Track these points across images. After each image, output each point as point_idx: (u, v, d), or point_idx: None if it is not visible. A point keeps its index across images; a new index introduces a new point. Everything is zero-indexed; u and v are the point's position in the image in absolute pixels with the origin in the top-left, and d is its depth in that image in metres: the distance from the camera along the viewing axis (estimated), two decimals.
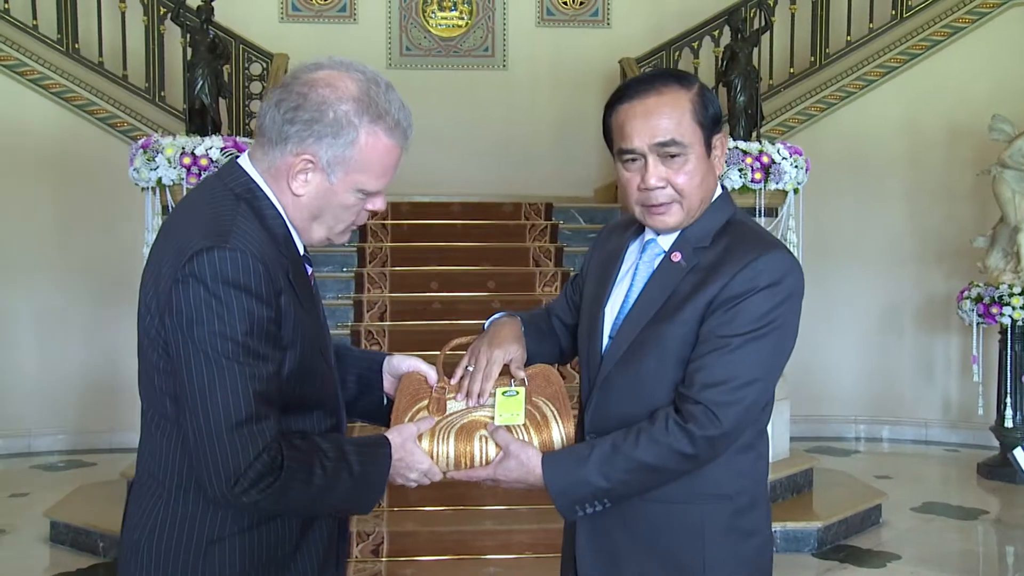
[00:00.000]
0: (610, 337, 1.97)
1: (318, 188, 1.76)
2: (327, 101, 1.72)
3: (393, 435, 1.86)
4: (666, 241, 1.96)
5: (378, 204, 1.84)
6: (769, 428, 2.07)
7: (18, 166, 7.67)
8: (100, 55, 7.85)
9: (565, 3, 9.07)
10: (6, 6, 7.71)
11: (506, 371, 2.04)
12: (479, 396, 1.96)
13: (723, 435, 1.82)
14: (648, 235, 1.99)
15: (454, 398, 1.97)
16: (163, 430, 1.77)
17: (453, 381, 2.02)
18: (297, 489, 1.69)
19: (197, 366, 1.64)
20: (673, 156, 1.87)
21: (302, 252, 1.84)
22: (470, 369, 2.01)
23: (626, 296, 1.98)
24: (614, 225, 2.17)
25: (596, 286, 2.07)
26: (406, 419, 1.91)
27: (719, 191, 1.99)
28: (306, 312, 1.78)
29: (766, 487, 2.02)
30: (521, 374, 2.00)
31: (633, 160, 1.90)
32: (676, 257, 1.93)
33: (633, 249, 2.04)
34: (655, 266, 1.96)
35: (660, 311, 1.90)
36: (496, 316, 2.16)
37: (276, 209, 1.78)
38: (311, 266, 1.89)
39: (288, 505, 1.73)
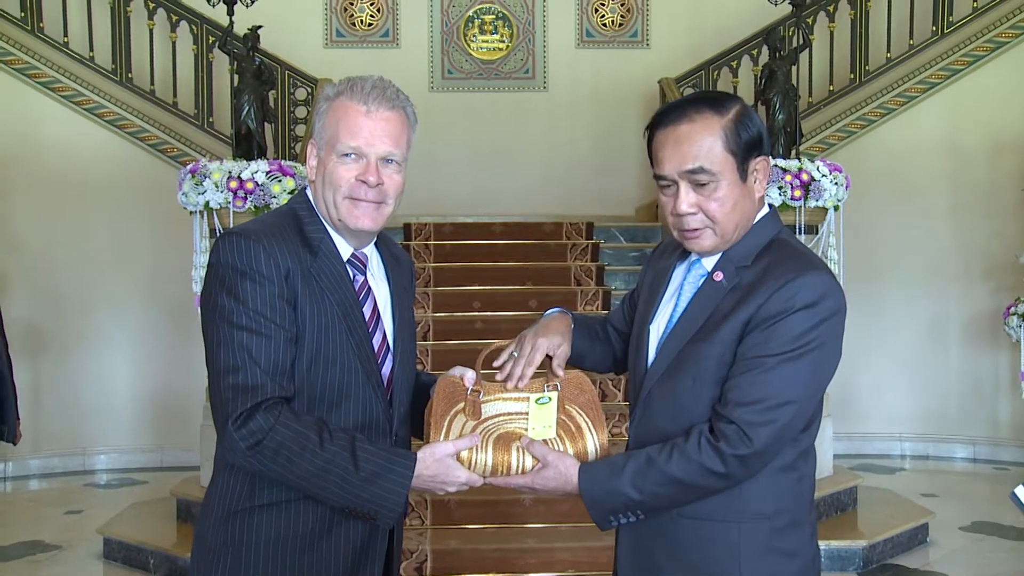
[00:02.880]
0: (655, 354, 1.98)
1: (318, 167, 2.01)
2: (319, 98, 2.05)
3: (425, 453, 1.89)
4: (710, 261, 1.96)
5: (362, 172, 1.95)
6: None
7: (74, 192, 7.80)
8: (152, 83, 7.98)
9: (604, 25, 9.09)
10: (65, 39, 7.88)
11: (545, 365, 2.08)
12: (519, 380, 2.03)
13: (754, 454, 1.81)
14: (694, 256, 1.99)
15: (489, 402, 2.00)
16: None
17: (496, 363, 2.08)
18: (295, 452, 1.80)
19: (209, 331, 1.88)
20: (703, 184, 1.87)
21: (345, 257, 2.00)
22: (515, 355, 2.08)
23: (671, 315, 1.99)
24: (666, 244, 2.16)
25: (645, 304, 2.09)
26: (444, 422, 1.94)
27: (765, 210, 1.98)
28: (324, 308, 1.90)
29: (811, 508, 1.98)
30: (560, 372, 2.06)
31: (667, 186, 1.92)
32: (718, 276, 1.92)
33: (680, 269, 2.05)
34: (699, 286, 1.96)
35: (700, 330, 1.90)
36: (551, 311, 2.21)
37: (319, 220, 2.00)
38: (364, 275, 2.03)
39: (285, 469, 1.82)
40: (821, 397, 1.93)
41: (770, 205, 2.00)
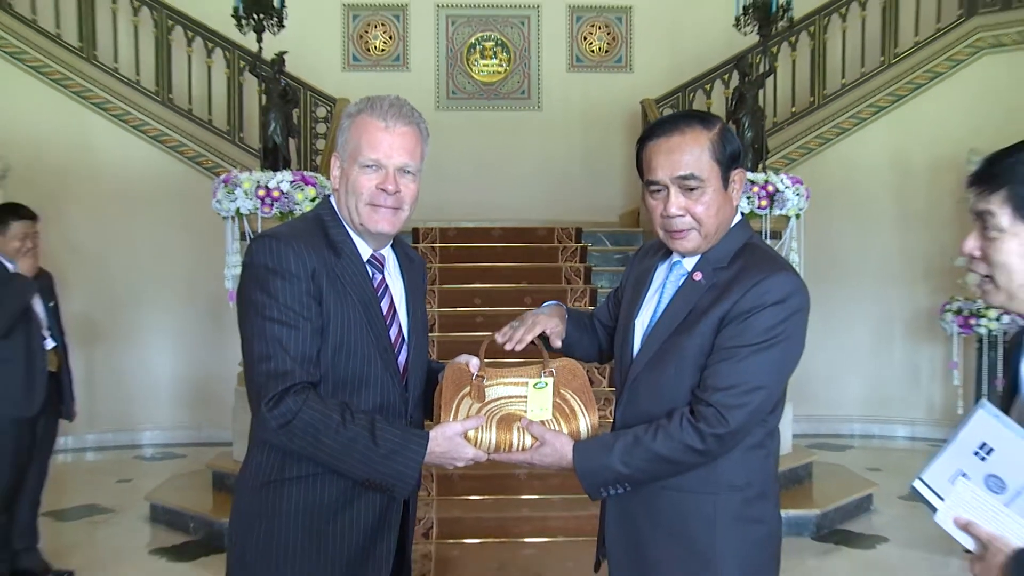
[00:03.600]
0: (640, 345, 1.99)
1: (341, 177, 2.00)
2: (342, 116, 2.03)
3: (437, 432, 1.89)
4: (690, 263, 1.97)
5: (382, 181, 1.95)
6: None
7: (123, 199, 7.80)
8: (189, 103, 7.99)
9: (592, 51, 9.10)
10: (116, 65, 7.90)
11: (540, 354, 2.10)
12: (518, 343, 2.08)
13: (730, 433, 1.81)
14: (675, 257, 2.00)
15: (492, 386, 2.01)
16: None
17: (499, 333, 2.12)
18: (321, 431, 1.80)
19: (245, 323, 1.88)
20: (692, 189, 1.89)
21: (365, 258, 1.99)
22: (515, 325, 2.12)
23: (655, 310, 1.99)
24: (648, 247, 2.16)
25: (629, 301, 2.09)
26: (453, 404, 1.94)
27: (738, 218, 1.98)
28: (346, 303, 1.91)
29: (775, 482, 1.98)
30: (559, 343, 2.12)
31: (658, 190, 1.92)
32: (697, 276, 1.93)
33: (662, 269, 2.05)
34: (679, 284, 1.96)
35: (681, 324, 1.90)
36: (548, 303, 2.24)
37: (342, 225, 1.99)
38: (382, 273, 2.03)
39: (311, 445, 1.82)
40: (786, 383, 1.94)
41: (742, 213, 2.01)
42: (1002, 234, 1.43)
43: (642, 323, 2.01)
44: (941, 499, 1.48)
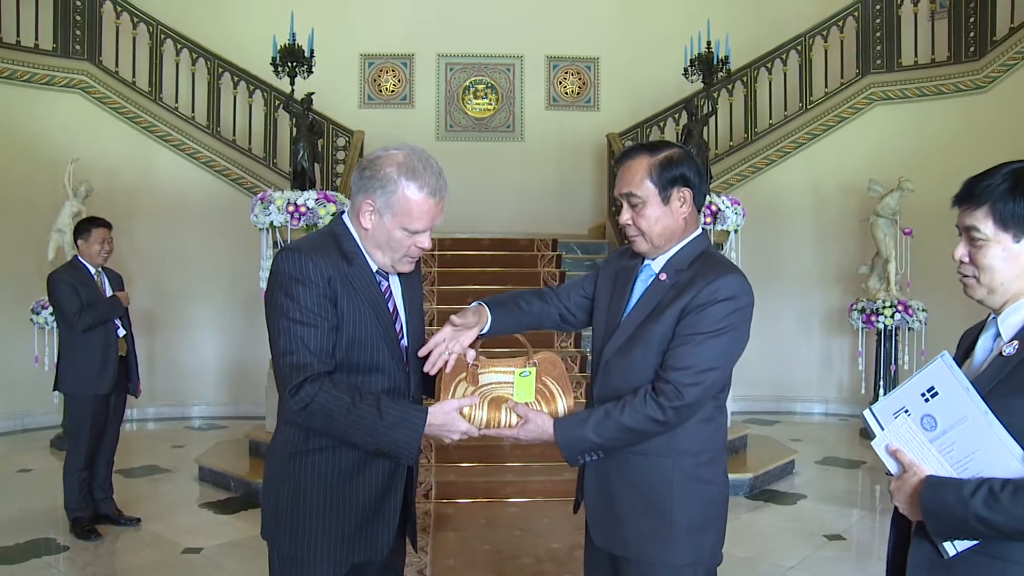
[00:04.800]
0: (614, 333, 1.97)
1: (376, 224, 1.87)
2: (381, 165, 1.85)
3: (436, 408, 1.87)
4: (657, 266, 1.96)
5: (422, 242, 1.89)
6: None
7: (178, 213, 7.76)
8: (233, 134, 7.96)
9: (566, 93, 9.08)
10: (175, 105, 7.88)
11: (522, 345, 2.04)
12: (434, 368, 1.93)
13: (686, 406, 1.81)
14: (646, 260, 1.98)
15: (485, 373, 1.97)
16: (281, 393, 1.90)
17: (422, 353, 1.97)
18: (334, 412, 1.77)
19: (272, 322, 1.83)
20: (634, 204, 1.91)
21: (375, 268, 1.91)
22: (435, 342, 1.96)
23: (626, 304, 1.98)
24: (623, 250, 2.12)
25: (610, 295, 2.04)
26: (452, 387, 1.92)
27: (698, 231, 1.97)
28: (358, 305, 1.85)
29: (723, 450, 1.97)
30: (473, 343, 1.98)
31: (619, 204, 1.96)
32: (663, 277, 1.93)
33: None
34: (648, 284, 1.96)
35: (649, 316, 1.89)
36: (472, 304, 2.11)
37: (354, 240, 1.90)
38: (387, 280, 1.95)
39: (327, 423, 1.79)
40: (733, 367, 1.93)
41: (703, 228, 1.99)
42: (987, 242, 1.47)
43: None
44: (882, 428, 1.50)
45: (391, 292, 1.97)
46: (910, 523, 1.51)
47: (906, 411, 1.47)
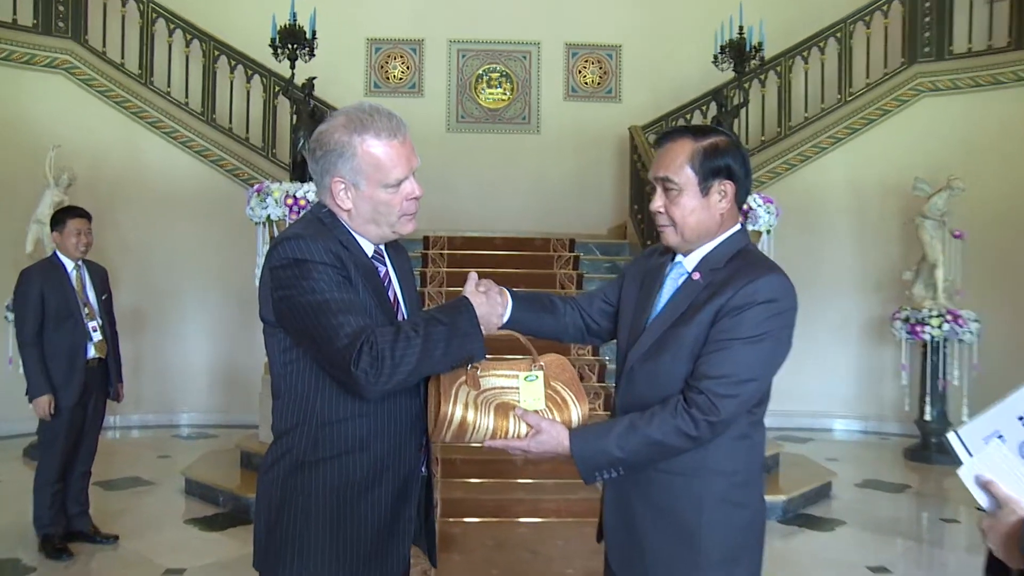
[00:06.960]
0: (641, 336, 1.88)
1: (356, 198, 1.79)
2: (329, 136, 1.77)
3: (472, 297, 1.79)
4: (690, 263, 1.87)
5: (411, 190, 1.81)
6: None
7: (169, 205, 7.69)
8: (230, 122, 7.89)
9: (586, 83, 8.96)
10: (168, 89, 7.82)
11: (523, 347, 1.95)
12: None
13: (720, 421, 1.71)
14: (677, 258, 1.90)
15: (486, 376, 1.87)
16: (280, 398, 1.82)
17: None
18: (401, 351, 1.65)
19: (301, 313, 1.69)
20: (669, 190, 1.83)
21: (370, 254, 1.84)
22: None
23: (655, 305, 1.89)
24: (649, 251, 2.06)
25: (639, 299, 1.96)
26: (452, 390, 1.81)
27: (736, 227, 1.88)
28: (361, 288, 1.76)
29: (760, 471, 1.87)
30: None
31: (652, 188, 1.88)
32: (696, 276, 1.83)
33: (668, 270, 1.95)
34: (679, 283, 1.86)
35: (680, 318, 1.80)
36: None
37: (343, 226, 1.81)
38: (385, 265, 1.89)
39: (407, 365, 1.66)
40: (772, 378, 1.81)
41: (742, 224, 1.90)
42: None
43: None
44: (970, 455, 1.36)
45: (389, 279, 1.90)
46: (1008, 570, 1.35)
47: (1000, 436, 1.32)
